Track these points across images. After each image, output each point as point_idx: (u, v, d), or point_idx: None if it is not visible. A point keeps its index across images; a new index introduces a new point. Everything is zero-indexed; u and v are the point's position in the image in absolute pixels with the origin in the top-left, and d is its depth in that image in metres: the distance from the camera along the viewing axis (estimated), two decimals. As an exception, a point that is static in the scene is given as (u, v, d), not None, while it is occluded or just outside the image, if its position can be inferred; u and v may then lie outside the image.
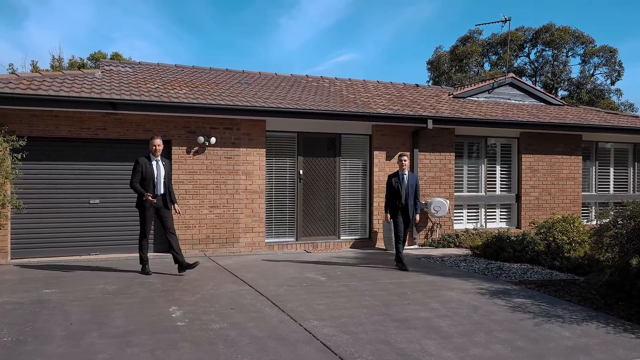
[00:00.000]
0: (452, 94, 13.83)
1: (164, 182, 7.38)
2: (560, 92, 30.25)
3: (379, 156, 10.89)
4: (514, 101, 14.12)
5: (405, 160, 8.26)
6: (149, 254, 9.12)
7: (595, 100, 28.17)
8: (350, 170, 10.93)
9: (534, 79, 30.82)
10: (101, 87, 9.22)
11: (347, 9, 65.13)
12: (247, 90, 10.92)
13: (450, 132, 11.47)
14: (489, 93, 14.04)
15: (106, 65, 11.73)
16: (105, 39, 52.69)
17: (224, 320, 5.06)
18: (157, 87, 9.83)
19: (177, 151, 9.48)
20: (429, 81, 30.22)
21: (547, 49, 29.89)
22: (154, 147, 7.39)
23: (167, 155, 9.48)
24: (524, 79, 31.23)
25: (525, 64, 31.06)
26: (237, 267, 8.09)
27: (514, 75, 14.59)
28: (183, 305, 5.58)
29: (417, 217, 8.45)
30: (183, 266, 7.36)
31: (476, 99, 13.82)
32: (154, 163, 7.34)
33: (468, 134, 11.81)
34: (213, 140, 9.55)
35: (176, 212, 7.50)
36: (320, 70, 62.75)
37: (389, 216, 8.27)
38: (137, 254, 7.56)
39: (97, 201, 9.15)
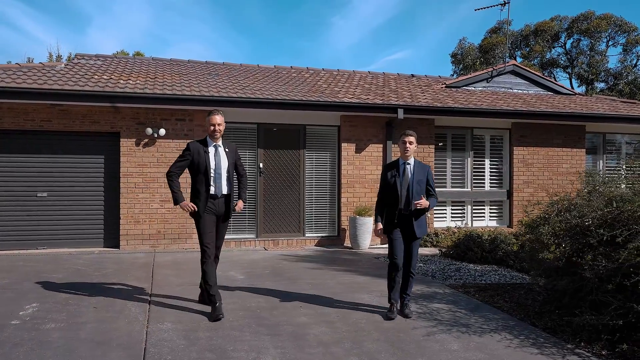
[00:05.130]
0: (444, 84, 12.91)
1: (227, 178, 5.04)
2: (598, 85, 28.16)
3: (348, 148, 10.20)
4: (516, 90, 13.03)
5: (410, 143, 5.08)
6: (94, 249, 8.67)
7: (637, 92, 26.05)
8: (317, 164, 10.28)
9: (568, 70, 28.84)
10: (50, 78, 9.01)
11: (399, 6, 63.88)
12: (210, 80, 10.49)
13: (429, 122, 10.62)
14: (487, 82, 13.01)
15: (77, 59, 11.59)
16: (163, 43, 54.02)
17: (68, 320, 4.59)
18: (110, 78, 9.55)
19: (126, 143, 9.16)
20: (452, 75, 28.86)
21: (583, 38, 27.88)
22: (212, 128, 4.99)
23: (116, 147, 9.21)
24: (557, 70, 29.35)
25: (559, 54, 29.10)
26: (168, 264, 7.65)
27: (515, 63, 13.47)
28: (47, 303, 5.16)
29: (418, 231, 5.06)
30: (212, 316, 4.82)
31: (472, 88, 12.84)
32: (210, 150, 5.01)
33: (451, 124, 10.91)
34: (162, 131, 9.19)
35: (234, 210, 5.21)
36: (373, 68, 61.83)
37: (380, 225, 5.13)
38: (85, 249, 6.27)
39: (44, 194, 8.97)
